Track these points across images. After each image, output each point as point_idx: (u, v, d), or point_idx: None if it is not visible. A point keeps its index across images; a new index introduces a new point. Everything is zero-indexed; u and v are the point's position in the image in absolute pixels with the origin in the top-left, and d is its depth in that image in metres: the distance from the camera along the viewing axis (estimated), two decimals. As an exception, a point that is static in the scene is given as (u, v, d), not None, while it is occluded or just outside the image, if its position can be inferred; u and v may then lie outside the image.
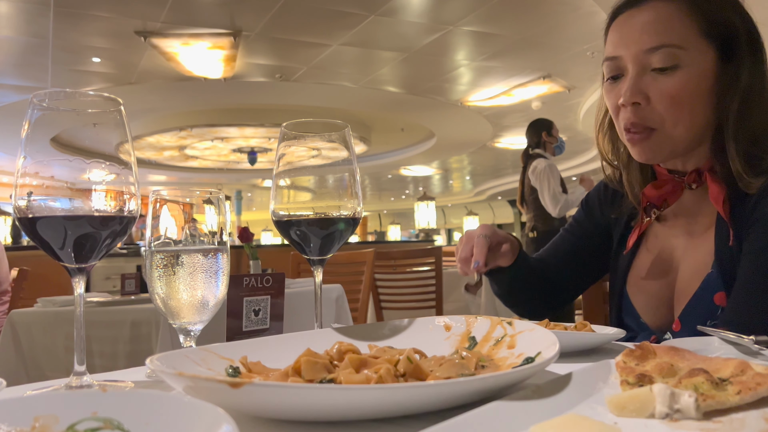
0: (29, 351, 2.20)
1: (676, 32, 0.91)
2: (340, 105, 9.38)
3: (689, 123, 0.93)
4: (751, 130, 0.92)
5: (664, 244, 1.06)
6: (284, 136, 0.83)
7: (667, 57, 0.90)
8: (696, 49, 0.91)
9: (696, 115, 0.93)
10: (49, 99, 0.67)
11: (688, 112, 0.92)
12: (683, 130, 0.93)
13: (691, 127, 0.93)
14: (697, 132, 0.95)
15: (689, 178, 0.99)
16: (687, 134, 0.94)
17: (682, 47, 0.90)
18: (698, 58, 0.91)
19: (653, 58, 0.91)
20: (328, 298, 2.66)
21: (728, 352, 0.67)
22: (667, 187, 1.01)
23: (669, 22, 0.91)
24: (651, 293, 1.06)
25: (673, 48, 0.90)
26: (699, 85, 0.91)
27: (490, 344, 0.68)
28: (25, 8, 5.61)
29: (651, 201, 1.03)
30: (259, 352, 0.64)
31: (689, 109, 0.92)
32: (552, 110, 9.12)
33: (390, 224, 19.39)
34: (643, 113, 0.93)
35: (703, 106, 0.93)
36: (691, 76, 0.91)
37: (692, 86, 0.91)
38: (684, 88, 0.90)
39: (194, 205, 0.82)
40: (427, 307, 3.60)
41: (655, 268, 1.06)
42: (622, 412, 0.45)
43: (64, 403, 0.41)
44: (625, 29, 0.95)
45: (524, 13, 6.12)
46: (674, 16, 0.91)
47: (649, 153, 0.96)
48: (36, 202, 0.66)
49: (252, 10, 5.88)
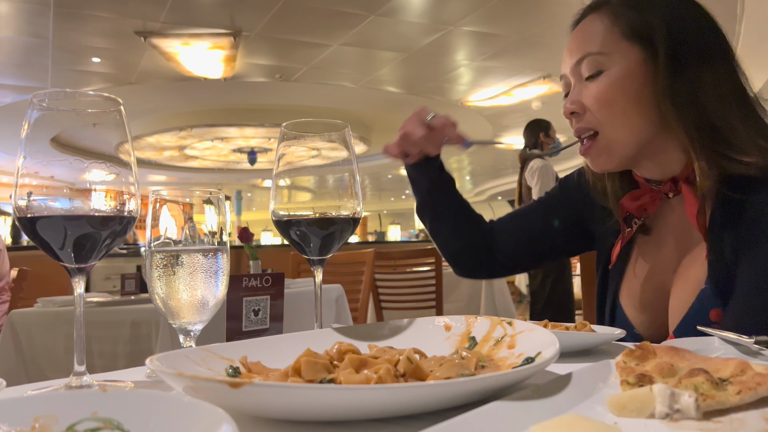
0: (29, 351, 2.20)
1: (597, 40, 0.95)
2: (340, 105, 9.38)
3: (626, 123, 0.93)
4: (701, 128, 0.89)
5: (657, 257, 1.04)
6: (284, 136, 0.83)
7: (590, 65, 0.95)
8: (618, 52, 0.93)
9: (631, 115, 0.93)
10: (49, 99, 0.67)
11: (621, 112, 0.93)
12: (622, 131, 0.94)
13: (631, 127, 0.93)
14: (642, 133, 0.94)
15: (665, 187, 0.98)
16: (629, 135, 0.94)
17: (603, 53, 0.94)
18: (621, 61, 0.93)
19: (582, 68, 0.96)
20: (328, 298, 2.66)
21: (728, 352, 0.67)
22: (645, 197, 1.01)
23: (591, 33, 0.96)
24: (645, 306, 1.04)
25: (594, 55, 0.94)
26: (625, 86, 0.92)
27: (490, 344, 0.68)
28: (25, 8, 5.61)
29: (629, 211, 1.03)
30: (259, 352, 0.64)
31: (621, 110, 0.93)
32: (552, 110, 9.11)
33: (390, 224, 19.38)
34: (583, 120, 0.96)
35: (636, 107, 0.93)
36: (615, 78, 0.93)
37: (618, 87, 0.92)
38: (609, 90, 0.93)
39: (194, 205, 0.82)
40: (427, 307, 3.60)
41: (648, 282, 1.04)
42: (622, 412, 0.45)
43: (64, 403, 0.41)
44: (567, 47, 1.01)
45: (524, 13, 6.12)
46: (596, 26, 0.96)
47: (600, 160, 0.97)
48: (36, 202, 0.66)
49: (252, 10, 5.88)
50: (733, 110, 0.91)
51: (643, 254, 1.07)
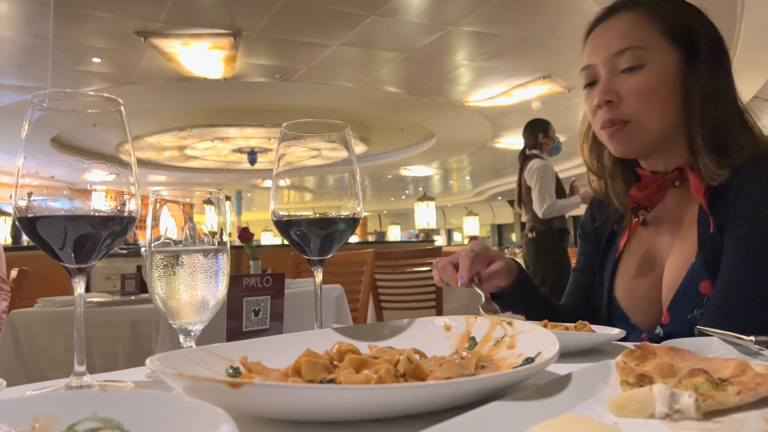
0: (29, 351, 2.20)
1: (639, 36, 1.01)
2: (340, 105, 9.38)
3: (660, 116, 1.01)
4: (715, 126, 0.99)
5: (649, 246, 1.10)
6: (284, 136, 0.83)
7: (632, 57, 1.00)
8: (658, 49, 1.00)
9: (665, 109, 1.01)
10: (49, 99, 0.67)
11: (658, 105, 1.00)
12: (654, 123, 1.01)
13: (662, 121, 1.01)
14: (668, 126, 1.02)
15: (671, 175, 1.05)
16: (658, 127, 1.01)
17: (645, 48, 1.00)
18: (661, 58, 1.00)
19: (620, 60, 1.01)
20: (328, 298, 2.66)
21: (728, 352, 0.67)
22: (652, 186, 1.07)
23: (632, 28, 1.02)
24: (640, 295, 1.08)
25: (637, 49, 1.00)
26: (664, 81, 1.00)
27: (490, 344, 0.68)
28: (25, 8, 5.61)
29: (637, 202, 1.09)
30: (259, 352, 0.64)
31: (658, 103, 1.00)
32: (552, 110, 9.12)
33: (390, 224, 19.39)
34: (617, 110, 1.01)
35: (670, 101, 1.00)
36: (656, 73, 1.00)
37: (657, 81, 1.00)
38: (650, 83, 0.99)
39: (194, 205, 0.82)
40: (427, 307, 3.60)
41: (641, 270, 1.09)
42: (622, 412, 0.45)
43: (64, 403, 0.41)
44: (596, 40, 1.06)
45: (524, 13, 6.12)
46: (637, 23, 1.02)
47: (625, 144, 1.03)
48: (36, 203, 0.66)
49: (252, 10, 5.88)
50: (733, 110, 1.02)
51: (633, 245, 1.13)
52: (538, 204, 4.33)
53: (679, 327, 0.98)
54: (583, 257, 1.27)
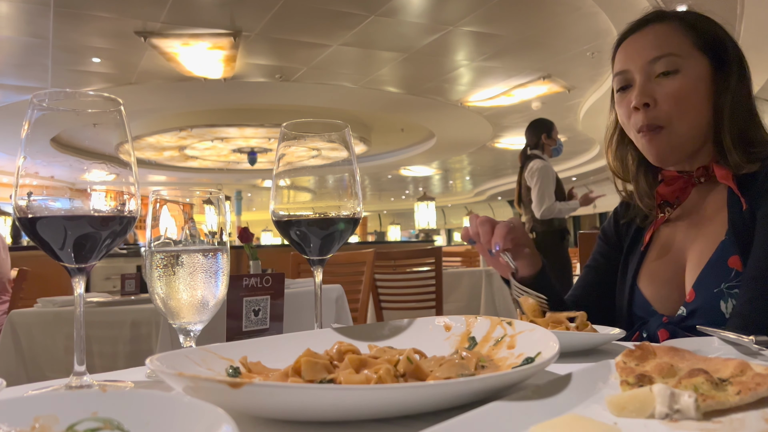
0: (29, 351, 2.20)
1: (674, 44, 1.08)
2: (340, 105, 9.38)
3: (693, 120, 1.07)
4: (741, 127, 1.07)
5: (675, 238, 1.15)
6: (284, 136, 0.83)
7: (668, 63, 1.07)
8: (692, 57, 1.07)
9: (698, 113, 1.07)
10: (49, 99, 0.67)
11: (692, 109, 1.07)
12: (688, 126, 1.07)
13: (695, 124, 1.07)
14: (700, 130, 1.08)
15: (698, 172, 1.11)
16: (691, 131, 1.08)
17: (680, 56, 1.07)
18: (694, 65, 1.07)
19: (657, 66, 1.07)
20: (328, 298, 2.66)
21: (728, 352, 0.67)
22: (678, 183, 1.13)
23: (667, 37, 1.09)
24: (663, 281, 1.13)
25: (673, 56, 1.07)
26: (697, 87, 1.07)
27: (490, 344, 0.68)
28: (25, 8, 5.61)
29: (664, 198, 1.16)
30: (259, 352, 0.64)
31: (692, 107, 1.06)
32: (552, 111, 9.12)
33: (390, 224, 19.40)
34: (653, 114, 1.07)
35: (702, 106, 1.07)
36: (690, 78, 1.06)
37: (692, 87, 1.06)
38: (685, 88, 1.06)
39: (194, 205, 0.82)
40: (427, 307, 3.60)
41: (666, 258, 1.15)
42: (621, 412, 0.45)
43: (64, 403, 0.41)
44: (631, 48, 1.12)
45: (524, 14, 6.12)
46: (671, 33, 1.09)
47: (661, 151, 1.08)
48: (36, 202, 0.66)
49: (252, 10, 5.88)
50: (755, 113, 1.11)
51: (659, 240, 1.18)
52: (537, 205, 4.33)
53: (704, 301, 1.02)
54: (600, 256, 1.31)
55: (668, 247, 1.15)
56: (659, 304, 1.12)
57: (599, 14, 5.93)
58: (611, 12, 5.80)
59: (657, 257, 1.16)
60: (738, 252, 1.01)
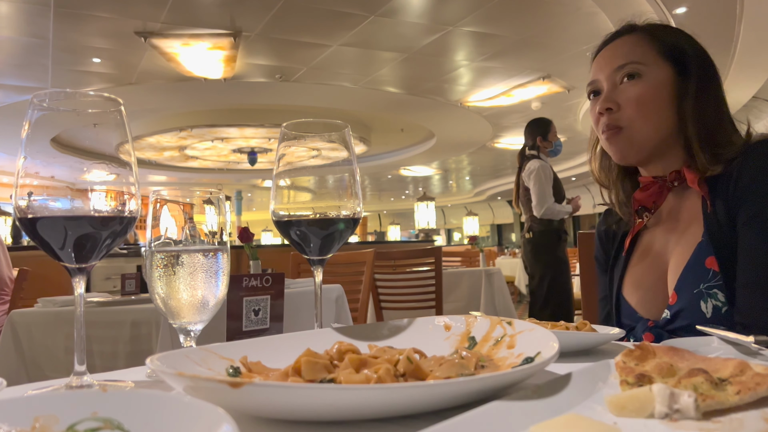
0: (29, 351, 2.20)
1: (637, 53, 1.15)
2: (340, 105, 9.38)
3: (655, 123, 1.13)
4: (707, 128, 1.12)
5: (655, 244, 1.20)
6: (284, 136, 0.83)
7: (631, 70, 1.14)
8: (654, 65, 1.14)
9: (660, 116, 1.13)
10: (49, 99, 0.67)
11: (653, 112, 1.12)
12: (649, 129, 1.13)
13: (658, 127, 1.13)
14: (664, 133, 1.14)
15: (670, 176, 1.16)
16: (655, 133, 1.13)
17: (644, 63, 1.14)
18: (656, 72, 1.14)
19: (621, 73, 1.15)
20: (328, 298, 2.66)
21: (728, 352, 0.67)
22: (653, 188, 1.18)
23: (633, 47, 1.16)
24: (646, 287, 1.17)
25: (636, 64, 1.14)
26: (659, 92, 1.13)
27: (490, 344, 0.68)
28: (25, 8, 5.61)
29: (642, 203, 1.20)
30: (259, 352, 0.64)
31: (654, 111, 1.12)
32: (551, 111, 9.12)
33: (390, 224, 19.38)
34: (615, 116, 1.14)
35: (665, 110, 1.13)
36: (651, 84, 1.13)
37: (653, 92, 1.13)
38: (646, 93, 1.12)
39: (194, 205, 0.82)
40: (427, 307, 3.60)
41: (648, 264, 1.19)
42: (621, 412, 0.45)
43: (64, 403, 0.41)
44: (601, 58, 1.21)
45: (524, 14, 6.12)
46: (637, 43, 1.17)
47: (623, 149, 1.15)
48: (36, 202, 0.66)
49: (252, 10, 5.88)
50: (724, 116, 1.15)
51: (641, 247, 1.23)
52: (537, 205, 4.33)
53: (686, 303, 1.06)
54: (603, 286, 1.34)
55: (649, 253, 1.20)
56: (644, 309, 1.16)
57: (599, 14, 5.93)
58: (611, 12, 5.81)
59: (639, 263, 1.21)
60: (713, 252, 1.05)
